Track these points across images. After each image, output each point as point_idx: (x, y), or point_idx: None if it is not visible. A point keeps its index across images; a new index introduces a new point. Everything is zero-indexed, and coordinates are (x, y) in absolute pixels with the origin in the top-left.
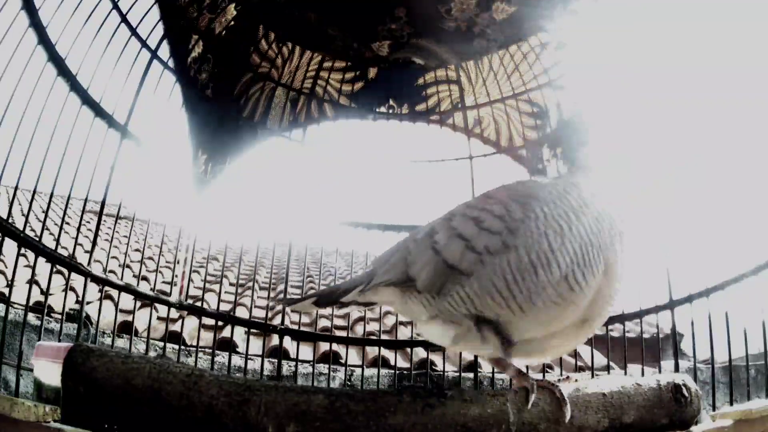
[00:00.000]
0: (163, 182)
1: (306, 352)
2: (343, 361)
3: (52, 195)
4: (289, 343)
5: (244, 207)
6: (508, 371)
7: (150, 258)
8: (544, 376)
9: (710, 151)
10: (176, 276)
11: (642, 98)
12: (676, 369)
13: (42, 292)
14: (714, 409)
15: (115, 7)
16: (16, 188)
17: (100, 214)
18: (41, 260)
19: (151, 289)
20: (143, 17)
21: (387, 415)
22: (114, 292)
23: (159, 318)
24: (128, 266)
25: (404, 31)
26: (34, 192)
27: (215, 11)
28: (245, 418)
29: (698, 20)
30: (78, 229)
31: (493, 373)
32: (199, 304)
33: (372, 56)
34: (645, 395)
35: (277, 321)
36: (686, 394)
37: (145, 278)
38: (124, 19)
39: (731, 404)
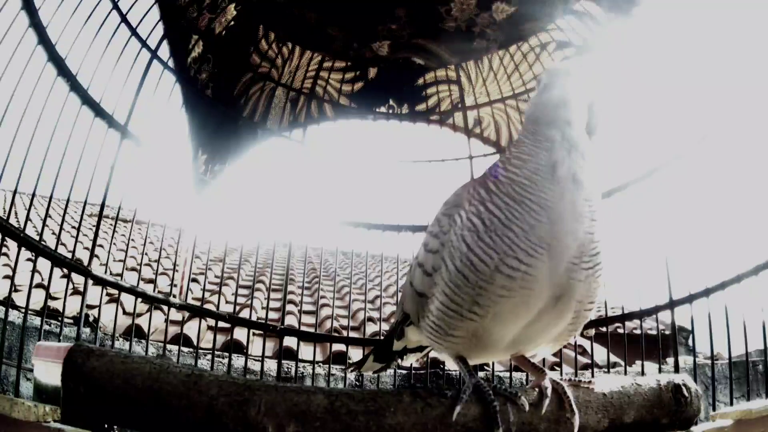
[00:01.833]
0: (163, 182)
1: (317, 353)
2: (351, 360)
3: (51, 195)
4: (296, 344)
5: (244, 207)
6: (469, 381)
7: (156, 261)
8: (592, 366)
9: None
10: (176, 279)
11: (643, 94)
12: (676, 369)
13: (50, 297)
14: (714, 409)
15: (115, 7)
16: (15, 189)
17: (100, 214)
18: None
19: (159, 292)
20: (143, 17)
21: (387, 415)
22: (117, 294)
23: (172, 321)
24: (134, 269)
25: (404, 31)
26: (34, 193)
27: (215, 11)
28: (245, 418)
29: (699, 15)
30: (78, 229)
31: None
32: (207, 306)
33: (372, 56)
34: (645, 395)
35: (286, 322)
36: (686, 394)
37: (152, 281)
38: (124, 19)
39: (731, 403)
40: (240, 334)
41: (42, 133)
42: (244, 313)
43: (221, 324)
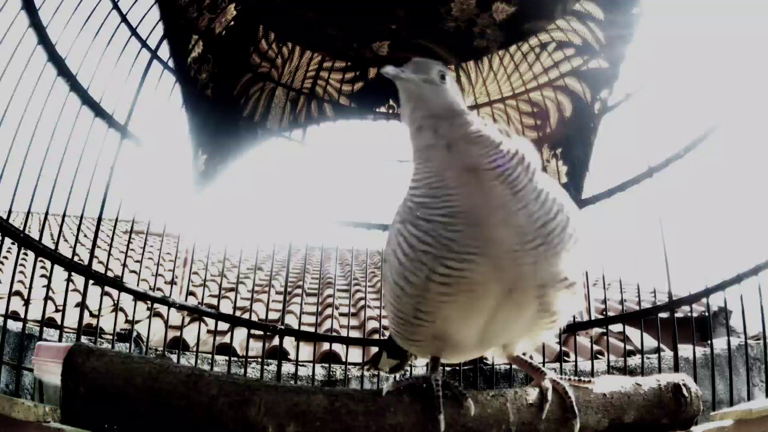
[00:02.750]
0: (163, 182)
1: (357, 355)
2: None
3: (51, 196)
4: (340, 348)
5: (244, 207)
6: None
7: (157, 264)
8: (592, 363)
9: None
10: (176, 276)
11: (643, 92)
12: (676, 368)
13: (92, 315)
14: (714, 409)
15: (115, 7)
16: (15, 189)
17: (100, 214)
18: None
19: (199, 303)
20: (143, 17)
21: (387, 415)
22: (118, 295)
23: (209, 332)
24: (134, 272)
25: (404, 31)
26: (33, 193)
27: (215, 11)
28: (245, 418)
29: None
30: (78, 230)
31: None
32: (243, 315)
33: (372, 56)
34: (645, 395)
35: (325, 327)
36: (686, 394)
37: (178, 287)
38: (124, 19)
39: (731, 404)
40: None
41: (42, 134)
42: (288, 319)
43: (226, 327)
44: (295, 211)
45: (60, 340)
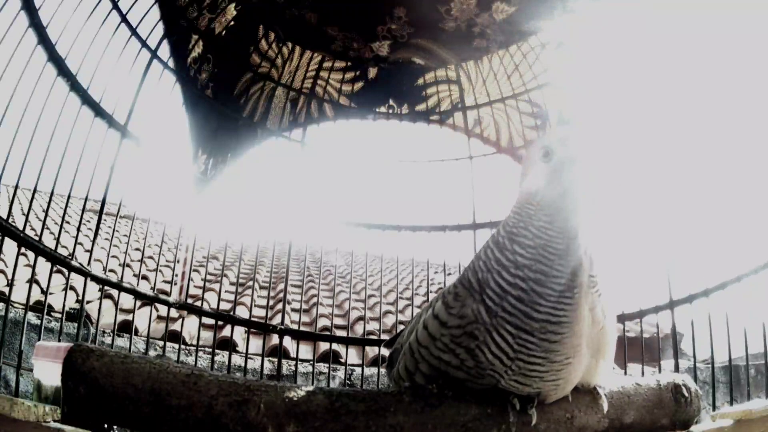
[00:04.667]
0: (163, 182)
1: (307, 351)
2: (342, 360)
3: (52, 194)
4: (288, 343)
5: (244, 207)
6: None
7: (150, 257)
8: None
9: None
10: (176, 275)
11: (642, 95)
12: (676, 369)
13: (42, 292)
14: (714, 409)
15: (115, 7)
16: (16, 187)
17: (100, 214)
18: (41, 259)
19: (151, 288)
20: (143, 17)
21: (387, 415)
22: (114, 292)
23: (159, 317)
24: (128, 265)
25: (404, 31)
26: (34, 191)
27: (215, 11)
28: (245, 418)
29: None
30: (78, 228)
31: None
32: (199, 303)
33: (372, 56)
34: (645, 395)
35: (276, 320)
36: (686, 394)
37: (145, 277)
38: (124, 19)
39: (731, 404)
40: (235, 331)
41: (42, 133)
42: (239, 310)
43: (212, 322)
44: (295, 211)
45: (6, 315)
